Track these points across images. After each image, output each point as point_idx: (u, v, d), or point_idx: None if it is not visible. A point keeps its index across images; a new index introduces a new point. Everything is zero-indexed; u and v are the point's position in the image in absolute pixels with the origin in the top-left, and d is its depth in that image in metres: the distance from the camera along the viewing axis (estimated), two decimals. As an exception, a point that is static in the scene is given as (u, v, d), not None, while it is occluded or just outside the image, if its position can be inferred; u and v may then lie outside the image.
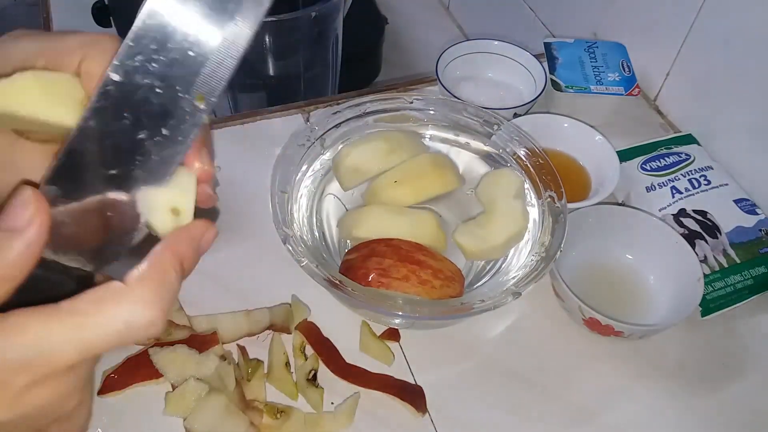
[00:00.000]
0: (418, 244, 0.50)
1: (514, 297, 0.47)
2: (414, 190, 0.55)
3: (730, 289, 0.57)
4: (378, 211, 0.54)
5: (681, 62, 0.72)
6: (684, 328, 0.57)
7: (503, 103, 0.72)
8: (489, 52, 0.76)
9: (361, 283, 0.48)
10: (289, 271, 0.51)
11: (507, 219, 0.53)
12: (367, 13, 1.12)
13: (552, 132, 0.66)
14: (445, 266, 0.50)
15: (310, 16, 0.82)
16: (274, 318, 0.54)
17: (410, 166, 0.56)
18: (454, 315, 0.48)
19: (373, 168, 0.56)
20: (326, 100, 0.73)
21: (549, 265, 0.49)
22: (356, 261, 0.50)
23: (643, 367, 0.55)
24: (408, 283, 0.48)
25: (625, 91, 0.70)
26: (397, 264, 0.49)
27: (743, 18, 0.63)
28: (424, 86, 0.77)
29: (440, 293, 0.49)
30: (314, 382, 0.50)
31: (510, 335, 0.56)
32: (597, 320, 0.52)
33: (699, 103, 0.71)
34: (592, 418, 0.51)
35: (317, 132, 0.57)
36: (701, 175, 0.64)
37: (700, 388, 0.54)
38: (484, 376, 0.53)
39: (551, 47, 0.74)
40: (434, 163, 0.56)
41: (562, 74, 0.71)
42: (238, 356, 0.52)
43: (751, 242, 0.59)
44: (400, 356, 0.54)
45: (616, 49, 0.75)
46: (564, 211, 0.53)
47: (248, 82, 0.92)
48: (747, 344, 0.57)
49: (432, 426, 0.50)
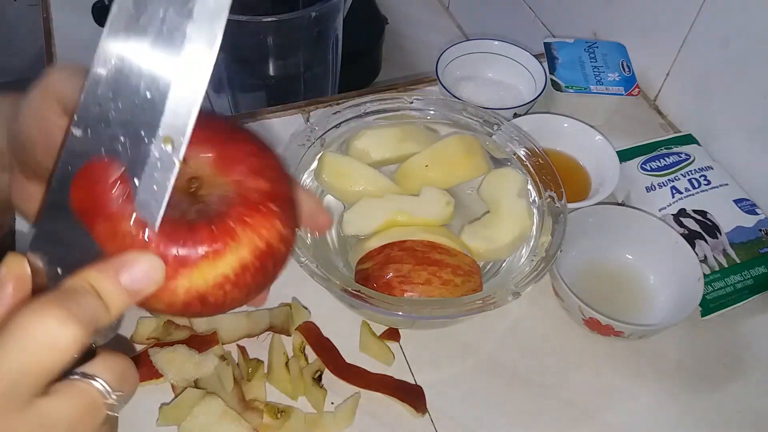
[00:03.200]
0: (430, 242, 0.50)
1: (514, 297, 0.47)
2: (444, 176, 0.55)
3: (730, 289, 0.57)
4: (378, 202, 0.53)
5: (681, 62, 0.72)
6: (684, 328, 0.57)
7: (503, 103, 0.72)
8: (489, 52, 0.76)
9: (384, 293, 0.48)
10: (290, 272, 0.50)
11: (513, 218, 0.53)
12: (367, 13, 1.12)
13: (552, 132, 0.66)
14: (462, 261, 0.50)
15: (310, 16, 0.82)
16: (273, 319, 0.54)
17: (441, 148, 0.56)
18: (454, 315, 0.48)
19: (382, 153, 0.56)
20: (326, 100, 0.73)
21: (549, 265, 0.49)
22: (373, 270, 0.50)
23: (643, 367, 0.55)
24: (431, 287, 0.48)
25: (625, 91, 0.70)
26: (417, 268, 0.48)
27: (743, 18, 0.63)
28: (424, 86, 0.77)
29: (463, 290, 0.49)
30: (320, 383, 0.50)
31: (510, 335, 0.56)
32: (597, 320, 0.52)
33: (699, 103, 0.71)
34: (592, 418, 0.51)
35: (317, 132, 0.57)
36: (701, 175, 0.64)
37: (700, 388, 0.54)
38: (484, 376, 0.53)
39: (551, 47, 0.74)
40: (465, 149, 0.56)
41: (562, 74, 0.71)
42: (238, 356, 0.52)
43: (751, 242, 0.59)
44: (400, 356, 0.54)
45: (616, 49, 0.75)
46: (564, 211, 0.53)
47: (248, 82, 0.92)
48: (747, 344, 0.57)
49: (432, 426, 0.50)
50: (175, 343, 0.50)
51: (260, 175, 0.28)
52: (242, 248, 0.27)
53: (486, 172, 0.56)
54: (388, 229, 0.52)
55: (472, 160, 0.56)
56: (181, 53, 0.25)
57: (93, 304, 0.24)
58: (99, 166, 0.25)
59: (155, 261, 0.25)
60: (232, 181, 0.28)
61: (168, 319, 0.52)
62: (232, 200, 0.27)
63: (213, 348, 0.50)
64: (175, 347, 0.49)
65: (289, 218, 0.29)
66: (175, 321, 0.52)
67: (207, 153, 0.28)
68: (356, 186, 0.54)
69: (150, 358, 0.49)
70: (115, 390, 0.25)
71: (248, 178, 0.28)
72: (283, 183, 0.29)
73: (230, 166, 0.28)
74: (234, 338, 0.52)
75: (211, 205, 0.27)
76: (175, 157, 0.25)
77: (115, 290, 0.25)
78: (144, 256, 0.25)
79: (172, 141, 0.25)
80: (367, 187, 0.54)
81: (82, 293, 0.24)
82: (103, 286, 0.25)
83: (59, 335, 0.23)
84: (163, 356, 0.49)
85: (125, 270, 0.25)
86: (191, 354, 0.49)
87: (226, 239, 0.26)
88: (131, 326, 0.52)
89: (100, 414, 0.25)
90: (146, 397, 0.49)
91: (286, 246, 0.29)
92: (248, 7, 0.91)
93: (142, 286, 0.25)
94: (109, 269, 0.25)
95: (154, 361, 0.48)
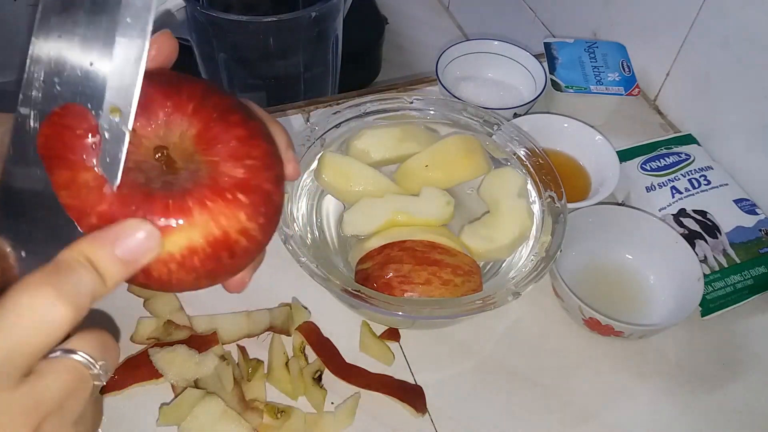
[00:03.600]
0: (430, 242, 0.50)
1: (514, 297, 0.47)
2: (444, 176, 0.55)
3: (730, 289, 0.57)
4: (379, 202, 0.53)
5: (681, 62, 0.72)
6: (684, 328, 0.57)
7: (503, 103, 0.72)
8: (489, 52, 0.76)
9: (384, 293, 0.48)
10: (290, 272, 0.51)
11: (513, 219, 0.53)
12: (367, 13, 1.12)
13: (552, 132, 0.66)
14: (462, 261, 0.50)
15: (310, 16, 0.82)
16: (273, 320, 0.54)
17: (441, 148, 0.56)
18: (454, 315, 0.48)
19: (382, 153, 0.56)
20: (326, 100, 0.73)
21: (549, 265, 0.49)
22: (373, 270, 0.50)
23: (643, 367, 0.55)
24: (431, 287, 0.48)
25: (625, 91, 0.70)
26: (416, 268, 0.49)
27: (743, 18, 0.63)
28: (424, 86, 0.77)
29: (463, 290, 0.49)
30: (320, 383, 0.50)
31: (510, 335, 0.56)
32: (597, 320, 0.52)
33: (699, 103, 0.71)
34: (592, 417, 0.51)
35: (317, 132, 0.57)
36: (701, 175, 0.64)
37: (700, 388, 0.54)
38: (484, 376, 0.53)
39: (551, 47, 0.74)
40: (465, 149, 0.56)
41: (562, 74, 0.71)
42: (238, 356, 0.52)
43: (751, 242, 0.59)
44: (400, 356, 0.54)
45: (616, 49, 0.75)
46: (564, 211, 0.53)
47: (248, 82, 0.92)
48: (747, 344, 0.57)
49: (432, 426, 0.50)
50: (175, 343, 0.50)
51: (239, 162, 0.27)
52: (194, 230, 0.26)
53: (486, 172, 0.56)
54: (388, 229, 0.52)
55: (472, 160, 0.56)
56: (117, 21, 0.25)
57: (87, 278, 0.24)
58: (72, 111, 0.25)
59: (151, 230, 0.25)
60: (208, 161, 0.27)
61: (168, 319, 0.52)
62: (201, 180, 0.27)
63: (213, 348, 0.50)
64: (175, 347, 0.49)
65: (258, 213, 0.28)
66: (175, 321, 0.52)
67: (193, 128, 0.28)
68: (356, 186, 0.54)
69: (150, 358, 0.49)
70: (98, 360, 0.25)
71: (225, 162, 0.27)
72: (263, 176, 0.28)
73: (211, 146, 0.27)
74: (234, 338, 0.53)
75: (180, 180, 0.27)
76: (123, 126, 0.25)
77: (111, 261, 0.25)
78: (140, 224, 0.25)
79: (120, 111, 0.25)
80: (367, 187, 0.54)
81: (76, 267, 0.24)
82: (98, 257, 0.24)
83: (50, 315, 0.23)
84: (163, 356, 0.49)
85: (121, 240, 0.25)
86: (191, 354, 0.49)
87: (179, 217, 0.26)
88: (131, 326, 0.52)
89: (88, 385, 0.25)
90: (146, 397, 0.49)
91: (249, 241, 0.28)
92: (248, 7, 0.91)
93: (138, 257, 0.25)
94: (104, 239, 0.25)
95: (154, 361, 0.48)
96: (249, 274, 0.33)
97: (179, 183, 0.26)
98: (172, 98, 0.28)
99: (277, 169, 0.29)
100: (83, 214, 0.25)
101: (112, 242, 0.25)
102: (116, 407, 0.49)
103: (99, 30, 0.25)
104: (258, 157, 0.28)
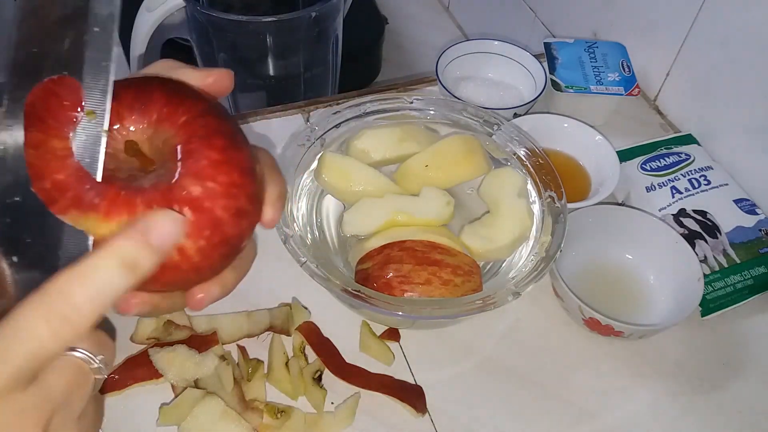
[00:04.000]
0: (430, 242, 0.50)
1: (514, 297, 0.47)
2: (444, 176, 0.55)
3: (730, 289, 0.57)
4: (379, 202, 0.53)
5: (681, 62, 0.72)
6: (684, 328, 0.57)
7: (503, 103, 0.72)
8: (489, 52, 0.76)
9: (384, 293, 0.48)
10: (290, 272, 0.51)
11: (513, 219, 0.53)
12: (367, 13, 1.12)
13: (552, 132, 0.66)
14: (462, 261, 0.50)
15: (310, 16, 0.82)
16: (273, 320, 0.54)
17: (441, 148, 0.56)
18: (454, 315, 0.48)
19: (382, 153, 0.56)
20: (326, 100, 0.73)
21: (549, 265, 0.49)
22: (373, 270, 0.50)
23: (643, 367, 0.55)
24: (431, 287, 0.48)
25: (625, 91, 0.70)
26: (417, 268, 0.49)
27: (743, 18, 0.63)
28: (424, 86, 0.77)
29: (463, 290, 0.49)
30: (320, 383, 0.50)
31: (510, 335, 0.56)
32: (597, 320, 0.52)
33: (699, 103, 0.71)
34: (592, 418, 0.51)
35: (317, 132, 0.57)
36: (701, 175, 0.64)
37: (700, 388, 0.54)
38: (484, 376, 0.53)
39: (551, 47, 0.74)
40: (465, 149, 0.56)
41: (562, 74, 0.71)
42: (238, 356, 0.52)
43: (751, 242, 0.59)
44: (400, 356, 0.54)
45: (616, 49, 0.75)
46: (564, 211, 0.53)
47: (248, 82, 0.92)
48: (747, 344, 0.57)
49: (432, 426, 0.50)
50: (175, 343, 0.50)
51: (201, 181, 0.27)
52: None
53: (486, 172, 0.56)
54: (388, 229, 0.52)
55: (472, 160, 0.56)
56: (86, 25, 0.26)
57: (112, 280, 0.24)
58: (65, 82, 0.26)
59: (176, 217, 0.26)
60: (177, 171, 0.27)
61: (168, 319, 0.52)
62: (160, 186, 0.27)
63: (213, 348, 0.50)
64: (175, 347, 0.49)
65: (200, 236, 0.27)
66: (174, 321, 0.52)
67: (178, 137, 0.28)
68: (356, 186, 0.54)
69: (150, 358, 0.49)
70: (96, 355, 0.27)
71: (188, 177, 0.27)
72: (219, 202, 0.28)
73: (184, 159, 0.28)
74: (234, 338, 0.53)
75: (144, 180, 0.27)
76: (99, 127, 0.26)
77: (143, 253, 0.25)
78: (165, 214, 0.26)
79: (94, 113, 0.26)
80: (367, 187, 0.54)
81: (103, 268, 0.24)
82: (129, 252, 0.25)
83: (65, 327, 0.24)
84: (163, 356, 0.49)
85: (151, 232, 0.25)
86: (191, 354, 0.49)
87: (123, 209, 0.26)
88: (131, 326, 0.52)
89: (90, 380, 0.27)
90: (146, 397, 0.49)
91: (182, 258, 0.28)
92: (248, 7, 0.91)
93: (168, 244, 0.26)
94: (136, 234, 0.25)
95: (154, 361, 0.48)
96: (208, 297, 0.32)
97: (141, 181, 0.27)
98: (170, 106, 0.28)
99: (241, 203, 0.29)
100: (40, 176, 0.26)
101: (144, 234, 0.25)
102: (116, 407, 0.49)
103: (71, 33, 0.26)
104: (223, 183, 0.28)
